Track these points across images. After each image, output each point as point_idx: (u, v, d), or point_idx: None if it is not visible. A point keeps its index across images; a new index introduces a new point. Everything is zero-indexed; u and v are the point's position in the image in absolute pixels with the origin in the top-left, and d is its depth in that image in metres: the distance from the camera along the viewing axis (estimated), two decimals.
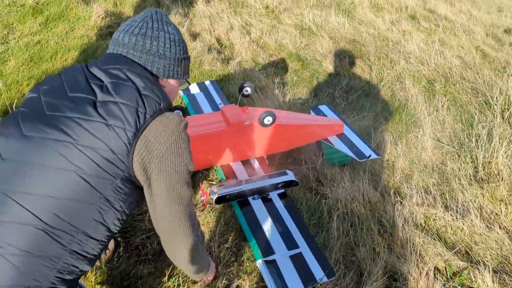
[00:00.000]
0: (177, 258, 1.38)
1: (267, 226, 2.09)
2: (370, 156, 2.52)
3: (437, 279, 1.86)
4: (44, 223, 1.06)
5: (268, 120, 2.33)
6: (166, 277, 1.75)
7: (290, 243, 2.00)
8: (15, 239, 1.04)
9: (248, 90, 2.56)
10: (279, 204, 2.25)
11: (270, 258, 1.91)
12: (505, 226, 2.38)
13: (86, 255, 1.17)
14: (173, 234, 1.28)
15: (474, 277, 1.97)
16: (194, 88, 3.20)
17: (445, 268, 2.00)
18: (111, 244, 1.88)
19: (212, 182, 2.34)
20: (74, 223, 1.11)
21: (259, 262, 1.87)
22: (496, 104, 3.43)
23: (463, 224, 2.30)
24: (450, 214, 2.34)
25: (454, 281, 1.92)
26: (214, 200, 2.13)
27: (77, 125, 1.09)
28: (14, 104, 2.72)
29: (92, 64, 1.24)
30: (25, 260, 1.05)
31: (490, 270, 1.98)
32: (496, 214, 2.47)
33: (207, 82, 3.29)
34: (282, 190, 2.32)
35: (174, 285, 1.73)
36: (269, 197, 2.29)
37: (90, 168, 1.09)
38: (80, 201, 1.10)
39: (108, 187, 1.13)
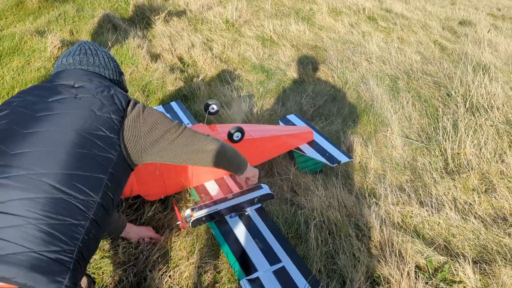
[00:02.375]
0: (216, 164, 1.68)
1: (247, 243, 2.05)
2: (341, 160, 2.53)
3: (418, 279, 1.85)
4: (61, 190, 1.15)
5: (237, 136, 2.30)
6: None
7: (272, 258, 1.97)
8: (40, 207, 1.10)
9: (214, 107, 2.54)
10: (257, 219, 2.21)
11: (253, 276, 1.87)
12: (479, 215, 2.41)
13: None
14: (199, 152, 1.55)
15: (455, 270, 1.98)
16: (159, 111, 3.14)
17: (427, 265, 2.00)
18: (84, 282, 1.80)
19: (188, 204, 2.29)
20: (86, 187, 1.19)
21: (243, 282, 1.83)
22: (458, 96, 3.51)
23: (439, 218, 2.32)
24: (426, 210, 2.36)
25: (436, 277, 1.93)
26: (190, 223, 2.08)
27: (69, 100, 1.29)
28: None
29: (50, 80, 1.40)
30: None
31: (470, 261, 1.99)
32: (470, 204, 2.51)
33: (172, 103, 3.25)
34: (259, 205, 2.29)
35: None
36: (246, 213, 2.26)
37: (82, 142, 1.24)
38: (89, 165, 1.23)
39: (106, 171, 1.25)
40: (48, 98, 1.30)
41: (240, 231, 2.14)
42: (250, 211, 2.26)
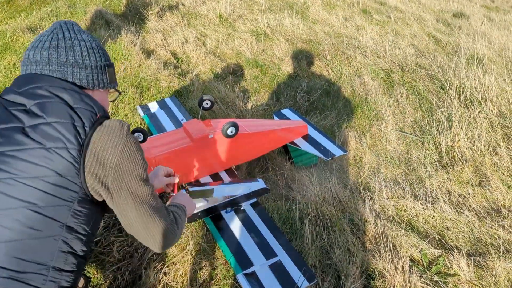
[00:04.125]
0: (163, 246, 1.28)
1: (243, 238, 2.06)
2: (336, 154, 2.53)
3: (412, 272, 1.86)
4: (8, 270, 0.99)
5: (231, 131, 2.30)
6: None
7: (268, 252, 1.98)
8: None
9: (208, 103, 2.53)
10: (252, 214, 2.22)
11: (249, 270, 1.87)
12: (473, 208, 2.42)
13: None
14: (148, 231, 1.20)
15: (450, 263, 1.99)
16: (154, 107, 3.13)
17: (421, 258, 2.01)
18: (81, 282, 1.80)
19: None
20: (41, 261, 1.04)
21: (239, 276, 1.83)
22: (451, 88, 3.52)
23: (434, 212, 2.33)
24: (420, 203, 2.37)
25: (431, 271, 1.94)
26: (186, 219, 2.08)
27: (13, 158, 1.01)
28: None
29: (6, 92, 1.12)
30: None
31: (464, 254, 2.00)
32: (464, 197, 2.52)
33: (166, 99, 3.23)
34: (255, 199, 2.29)
35: None
36: (242, 208, 2.26)
37: (41, 199, 1.02)
38: (41, 237, 1.03)
39: (66, 213, 1.06)
40: None
41: (236, 225, 2.15)
42: (245, 205, 2.27)
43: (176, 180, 1.76)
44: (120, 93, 1.42)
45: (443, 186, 2.57)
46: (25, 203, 1.00)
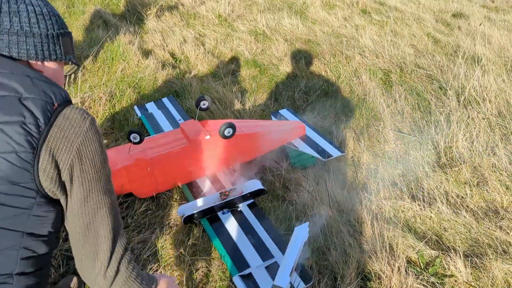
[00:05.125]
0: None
1: (240, 239, 2.05)
2: (333, 155, 2.53)
3: (409, 273, 1.86)
4: None
5: (228, 131, 2.29)
6: None
7: (265, 253, 1.97)
8: None
9: (205, 103, 2.53)
10: (249, 215, 2.22)
11: (246, 272, 1.87)
12: (471, 209, 2.42)
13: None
14: (87, 254, 1.01)
15: (447, 264, 1.99)
16: (151, 107, 3.13)
17: (418, 259, 2.00)
18: (74, 282, 1.79)
19: (182, 203, 2.28)
20: (4, 272, 0.95)
21: (236, 278, 1.83)
22: (450, 89, 3.51)
23: (431, 212, 2.32)
24: (418, 204, 2.36)
25: (428, 272, 1.93)
26: (183, 220, 2.08)
27: None
28: None
29: None
30: None
31: (461, 255, 1.99)
32: (462, 197, 2.51)
33: (164, 99, 3.23)
34: (252, 200, 2.29)
35: None
36: (239, 209, 2.26)
37: None
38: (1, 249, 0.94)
39: (25, 221, 0.94)
40: None
41: (233, 227, 2.15)
42: (242, 206, 2.27)
43: None
44: (78, 66, 1.16)
45: (440, 186, 2.56)
46: None
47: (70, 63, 1.16)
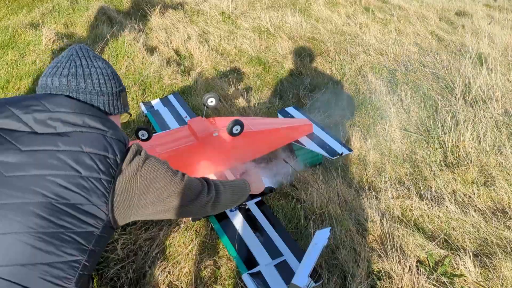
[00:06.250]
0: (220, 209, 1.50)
1: (248, 237, 2.04)
2: (342, 153, 2.51)
3: (420, 273, 1.85)
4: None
5: (236, 129, 2.28)
6: None
7: (274, 251, 1.96)
8: None
9: (212, 101, 2.51)
10: (257, 213, 2.21)
11: (255, 270, 1.86)
12: (479, 208, 2.41)
13: None
14: (201, 207, 1.35)
15: (456, 263, 1.98)
16: (157, 104, 3.12)
17: (427, 258, 2.00)
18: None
19: None
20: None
21: (245, 276, 1.82)
22: (456, 88, 3.50)
23: (439, 212, 2.31)
24: (426, 203, 2.35)
25: (437, 271, 1.92)
26: (191, 218, 2.07)
27: (51, 182, 0.99)
28: None
29: (31, 102, 1.08)
30: None
31: (471, 255, 1.99)
32: (470, 197, 2.50)
33: (170, 96, 3.21)
34: (259, 198, 2.28)
35: None
36: (246, 207, 2.25)
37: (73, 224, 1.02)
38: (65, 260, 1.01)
39: (91, 238, 1.05)
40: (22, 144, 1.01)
41: (241, 224, 2.13)
42: (250, 204, 2.25)
43: None
44: (130, 115, 1.43)
45: (448, 185, 2.56)
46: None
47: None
